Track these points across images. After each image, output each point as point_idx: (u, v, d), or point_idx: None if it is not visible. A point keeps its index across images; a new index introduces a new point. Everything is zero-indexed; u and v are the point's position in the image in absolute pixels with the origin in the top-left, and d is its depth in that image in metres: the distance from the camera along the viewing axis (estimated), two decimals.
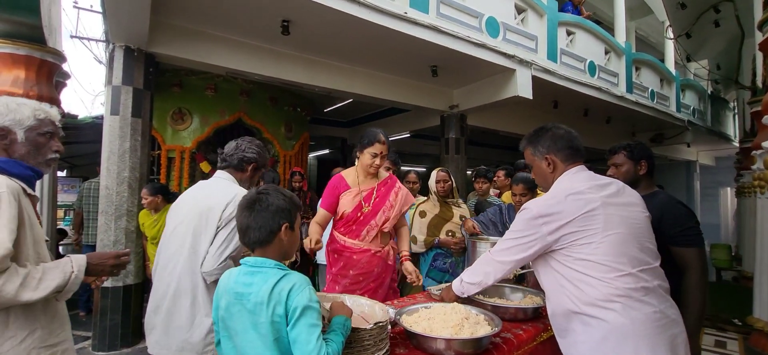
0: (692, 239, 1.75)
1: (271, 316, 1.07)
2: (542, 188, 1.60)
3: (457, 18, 4.58)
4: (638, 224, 1.40)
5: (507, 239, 1.50)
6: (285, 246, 1.19)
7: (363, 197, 2.29)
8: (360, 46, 4.63)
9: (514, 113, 7.39)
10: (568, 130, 1.54)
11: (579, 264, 1.34)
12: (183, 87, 5.61)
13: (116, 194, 3.72)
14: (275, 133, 6.44)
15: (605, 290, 1.29)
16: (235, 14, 3.88)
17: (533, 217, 1.40)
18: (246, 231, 1.16)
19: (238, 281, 1.14)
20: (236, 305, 1.12)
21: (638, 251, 1.35)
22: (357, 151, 2.32)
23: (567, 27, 6.04)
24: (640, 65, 7.62)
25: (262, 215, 1.15)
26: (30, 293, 1.13)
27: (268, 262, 1.14)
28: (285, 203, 1.18)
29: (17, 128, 1.31)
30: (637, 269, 1.32)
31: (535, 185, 2.72)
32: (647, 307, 1.30)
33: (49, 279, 1.18)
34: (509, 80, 5.31)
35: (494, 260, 1.55)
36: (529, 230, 1.40)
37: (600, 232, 1.31)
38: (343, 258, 2.29)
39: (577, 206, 1.34)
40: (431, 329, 1.42)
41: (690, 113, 9.15)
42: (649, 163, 1.97)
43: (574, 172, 1.48)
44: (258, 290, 1.09)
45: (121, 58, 3.78)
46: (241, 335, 1.11)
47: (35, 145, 1.34)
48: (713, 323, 4.71)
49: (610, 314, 1.28)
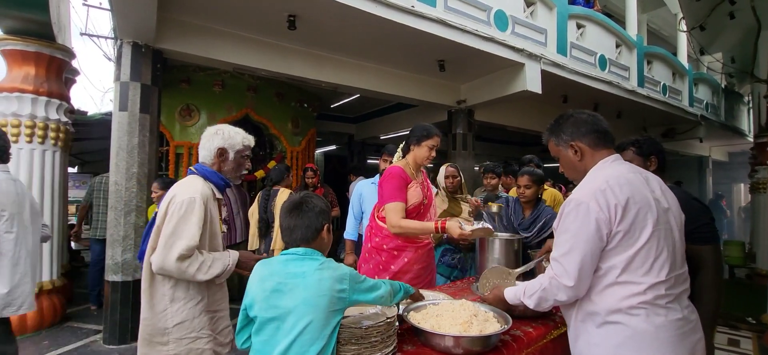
0: (707, 235, 1.70)
1: (332, 292, 1.20)
2: (573, 179, 1.47)
3: (464, 11, 4.52)
4: (679, 225, 1.33)
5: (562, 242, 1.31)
6: (325, 244, 1.35)
7: (421, 189, 2.30)
8: (367, 41, 4.59)
9: (523, 108, 7.31)
10: (591, 113, 1.42)
11: (616, 262, 1.23)
12: (191, 83, 5.64)
13: (125, 190, 3.75)
14: (282, 129, 6.44)
15: (635, 295, 1.21)
16: (241, 9, 3.87)
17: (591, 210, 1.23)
18: (293, 230, 1.32)
19: (288, 263, 1.27)
20: (289, 284, 1.22)
21: (673, 255, 1.27)
22: (411, 144, 2.30)
23: (577, 20, 5.94)
24: (652, 59, 7.48)
25: (307, 215, 1.31)
26: (202, 275, 1.62)
27: (315, 253, 1.30)
28: (325, 206, 1.37)
29: (231, 151, 1.81)
30: (671, 275, 1.24)
31: (541, 179, 2.68)
32: (672, 313, 1.22)
33: (215, 267, 1.65)
34: (518, 74, 5.24)
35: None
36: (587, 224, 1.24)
37: (647, 231, 1.22)
38: (406, 254, 2.23)
39: (635, 199, 1.24)
40: (439, 326, 1.40)
41: (703, 108, 8.97)
42: (660, 159, 1.91)
43: (610, 161, 1.35)
44: (311, 269, 1.23)
45: (129, 54, 3.79)
46: (293, 309, 1.20)
47: (238, 164, 1.85)
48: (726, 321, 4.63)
49: (633, 320, 1.21)
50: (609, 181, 1.26)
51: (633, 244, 1.22)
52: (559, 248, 1.30)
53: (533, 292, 1.36)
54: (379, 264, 2.28)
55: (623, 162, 1.38)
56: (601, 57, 6.24)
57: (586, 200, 1.25)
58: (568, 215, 1.29)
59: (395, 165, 2.33)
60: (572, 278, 1.24)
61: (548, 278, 1.32)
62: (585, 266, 1.24)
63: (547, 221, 2.59)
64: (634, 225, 1.22)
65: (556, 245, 1.32)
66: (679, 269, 1.30)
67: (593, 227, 1.22)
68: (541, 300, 1.35)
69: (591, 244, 1.23)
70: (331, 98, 7.71)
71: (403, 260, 2.24)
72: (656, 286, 1.21)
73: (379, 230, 2.30)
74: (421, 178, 2.38)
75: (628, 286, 1.22)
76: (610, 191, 1.23)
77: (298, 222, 1.31)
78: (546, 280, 1.32)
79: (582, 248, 1.23)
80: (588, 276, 1.26)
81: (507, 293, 1.50)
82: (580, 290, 1.27)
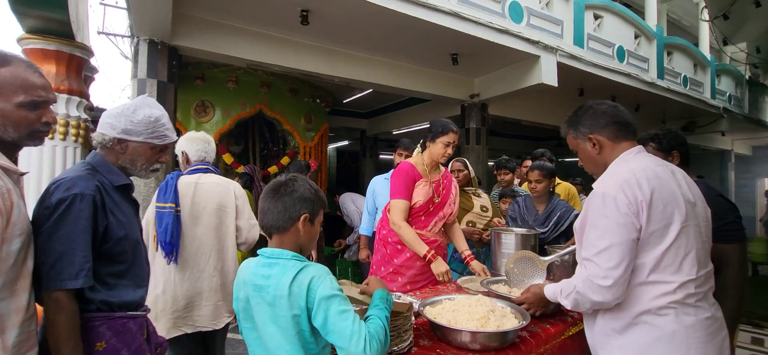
0: (733, 234, 1.64)
1: (292, 310, 1.03)
2: (593, 173, 1.39)
3: (478, 3, 4.45)
4: (705, 221, 1.28)
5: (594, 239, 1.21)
6: (302, 238, 1.14)
7: (434, 187, 2.27)
8: (379, 35, 4.57)
9: (538, 102, 7.18)
10: (611, 104, 1.36)
11: (646, 260, 1.17)
12: (205, 80, 5.69)
13: (144, 185, 3.82)
14: (295, 124, 6.47)
15: (665, 294, 1.15)
16: (254, 5, 3.89)
17: (621, 204, 1.16)
18: (265, 213, 1.13)
19: (256, 272, 1.11)
20: (256, 297, 1.09)
21: (701, 251, 1.21)
22: (427, 140, 2.28)
23: (594, 10, 5.80)
24: (672, 50, 7.26)
25: (283, 199, 1.11)
26: None
27: (285, 253, 1.10)
28: (310, 193, 1.14)
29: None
30: (700, 272, 1.19)
31: (552, 173, 2.62)
32: (701, 312, 1.18)
33: None
34: (533, 67, 5.15)
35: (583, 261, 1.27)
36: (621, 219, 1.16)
37: (675, 227, 1.16)
38: (409, 249, 2.23)
39: (662, 193, 1.18)
40: (456, 321, 1.39)
41: (725, 100, 8.69)
42: (683, 153, 1.83)
43: (634, 154, 1.29)
44: (277, 282, 1.05)
45: (146, 51, 3.85)
46: (262, 328, 1.09)
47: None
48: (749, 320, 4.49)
49: (661, 321, 1.15)
50: (635, 173, 1.19)
51: (662, 241, 1.16)
52: (590, 247, 1.20)
53: (569, 293, 1.28)
54: (384, 256, 2.32)
55: (647, 154, 1.32)
56: (620, 48, 6.09)
57: (612, 192, 1.18)
58: (596, 210, 1.20)
59: (407, 161, 2.32)
60: (611, 277, 1.14)
61: (582, 280, 1.21)
62: (624, 262, 1.14)
63: (562, 215, 2.53)
64: (661, 221, 1.16)
65: (586, 243, 1.22)
66: (707, 266, 1.25)
67: (625, 220, 1.15)
68: (577, 303, 1.26)
69: (626, 237, 1.14)
70: (343, 93, 7.71)
71: (406, 255, 2.24)
72: (686, 284, 1.16)
73: (387, 223, 2.31)
74: (437, 176, 2.33)
75: (659, 286, 1.16)
76: (636, 183, 1.17)
77: (271, 205, 1.11)
78: (579, 282, 1.22)
79: (618, 242, 1.14)
80: (627, 273, 1.16)
81: (547, 290, 1.43)
82: (619, 290, 1.16)
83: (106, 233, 1.21)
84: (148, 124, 1.33)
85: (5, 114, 1.03)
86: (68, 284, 1.10)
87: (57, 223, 1.11)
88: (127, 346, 1.24)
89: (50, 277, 1.09)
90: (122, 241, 1.25)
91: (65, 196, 1.13)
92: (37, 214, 1.14)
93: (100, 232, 1.19)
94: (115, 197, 1.28)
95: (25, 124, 1.06)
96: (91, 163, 1.29)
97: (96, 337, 1.18)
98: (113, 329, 1.21)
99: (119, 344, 1.22)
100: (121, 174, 1.33)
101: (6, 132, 1.04)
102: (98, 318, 1.19)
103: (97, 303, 1.19)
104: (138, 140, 1.32)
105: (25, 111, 1.06)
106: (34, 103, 1.07)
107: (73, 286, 1.11)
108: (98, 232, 1.19)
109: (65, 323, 1.09)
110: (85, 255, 1.13)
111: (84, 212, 1.14)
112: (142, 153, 1.34)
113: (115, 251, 1.24)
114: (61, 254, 1.10)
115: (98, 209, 1.18)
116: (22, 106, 1.05)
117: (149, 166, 1.39)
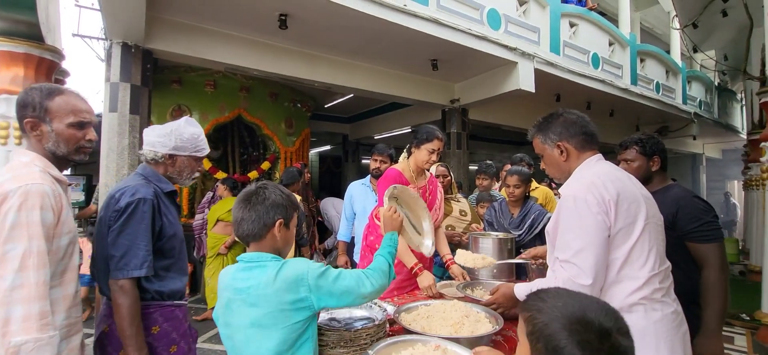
0: (711, 234, 1.68)
1: (278, 305, 1.05)
2: (556, 178, 1.46)
3: (457, 10, 4.51)
4: (661, 221, 1.35)
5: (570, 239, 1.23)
6: (278, 242, 1.17)
7: (420, 193, 2.26)
8: (359, 40, 4.57)
9: (516, 107, 7.31)
10: (580, 115, 1.41)
11: (617, 255, 1.22)
12: (182, 84, 5.58)
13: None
14: (276, 129, 6.40)
15: (635, 291, 1.20)
16: (231, 9, 3.84)
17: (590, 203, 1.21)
18: (240, 223, 1.15)
19: (236, 276, 1.12)
20: (236, 300, 1.10)
21: (662, 248, 1.29)
22: (412, 147, 2.27)
23: (570, 18, 5.94)
24: (645, 57, 7.50)
25: (256, 208, 1.14)
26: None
27: (264, 256, 1.13)
28: (282, 199, 1.18)
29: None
30: (662, 267, 1.26)
31: (529, 178, 2.67)
32: (666, 307, 1.25)
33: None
34: (511, 73, 5.24)
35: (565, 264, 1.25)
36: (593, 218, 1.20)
37: (640, 225, 1.22)
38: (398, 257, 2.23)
39: (625, 194, 1.24)
40: (430, 327, 1.39)
41: (696, 105, 9.02)
42: (662, 158, 1.89)
43: (595, 160, 1.34)
44: (257, 282, 1.07)
45: (119, 54, 3.75)
46: (238, 332, 1.10)
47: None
48: None
49: (633, 317, 1.17)
50: (600, 176, 1.25)
51: (628, 238, 1.22)
52: (566, 249, 1.22)
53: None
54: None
55: (606, 161, 1.38)
56: (594, 55, 6.26)
57: (582, 194, 1.22)
58: (569, 213, 1.24)
59: (393, 167, 2.32)
60: (590, 276, 1.17)
61: (562, 282, 1.20)
62: (600, 260, 1.19)
63: (536, 218, 2.58)
64: (627, 218, 1.22)
65: (562, 245, 1.24)
66: (666, 263, 1.32)
67: (597, 219, 1.19)
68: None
69: (600, 236, 1.19)
70: (324, 98, 7.68)
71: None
72: (652, 279, 1.22)
73: (375, 229, 2.30)
74: (423, 181, 2.34)
75: (629, 282, 1.21)
76: (602, 185, 1.22)
77: (245, 214, 1.14)
78: (560, 284, 1.20)
79: (593, 241, 1.18)
80: (604, 270, 1.20)
81: (518, 291, 1.44)
82: (598, 286, 1.20)
83: (160, 232, 1.43)
84: (192, 141, 1.56)
85: (59, 133, 1.25)
86: (134, 272, 1.32)
87: (125, 222, 1.33)
88: (176, 330, 1.46)
89: (119, 267, 1.31)
90: (172, 238, 1.47)
91: (132, 200, 1.35)
92: (106, 216, 1.37)
93: (157, 231, 1.41)
94: (166, 202, 1.50)
95: (74, 141, 1.28)
96: (143, 174, 1.50)
97: (151, 322, 1.40)
98: (164, 315, 1.43)
99: (170, 328, 1.44)
100: (168, 183, 1.54)
101: (59, 148, 1.26)
102: (152, 306, 1.41)
103: (151, 293, 1.40)
104: (184, 155, 1.56)
105: (74, 130, 1.27)
106: (81, 123, 1.29)
107: (138, 274, 1.33)
108: (155, 231, 1.40)
109: (131, 307, 1.30)
110: (147, 249, 1.35)
111: (146, 213, 1.37)
112: (187, 165, 1.58)
113: (167, 247, 1.45)
114: (129, 248, 1.32)
115: (156, 212, 1.41)
116: (71, 126, 1.27)
117: (191, 174, 1.62)
